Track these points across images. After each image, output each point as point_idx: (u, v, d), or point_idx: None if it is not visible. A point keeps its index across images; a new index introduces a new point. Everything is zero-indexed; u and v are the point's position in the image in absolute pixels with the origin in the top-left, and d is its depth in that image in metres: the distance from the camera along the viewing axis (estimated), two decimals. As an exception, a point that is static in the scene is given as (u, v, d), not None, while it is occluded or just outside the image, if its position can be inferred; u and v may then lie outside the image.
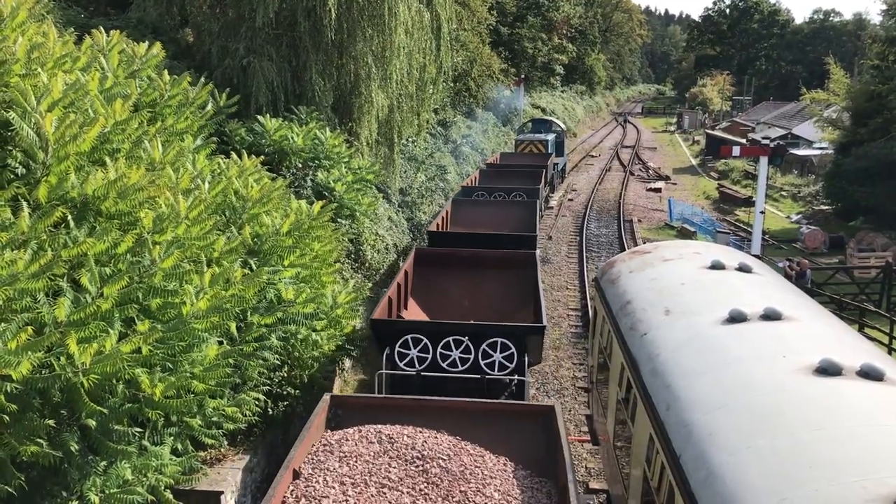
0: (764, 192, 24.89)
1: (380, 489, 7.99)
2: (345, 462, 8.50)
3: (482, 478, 8.39)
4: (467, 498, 8.00)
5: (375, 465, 8.46)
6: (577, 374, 18.80)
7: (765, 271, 11.32)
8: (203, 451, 10.64)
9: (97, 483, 8.25)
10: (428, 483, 8.17)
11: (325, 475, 8.26)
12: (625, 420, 9.75)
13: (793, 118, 65.25)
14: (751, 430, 6.40)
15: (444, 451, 8.74)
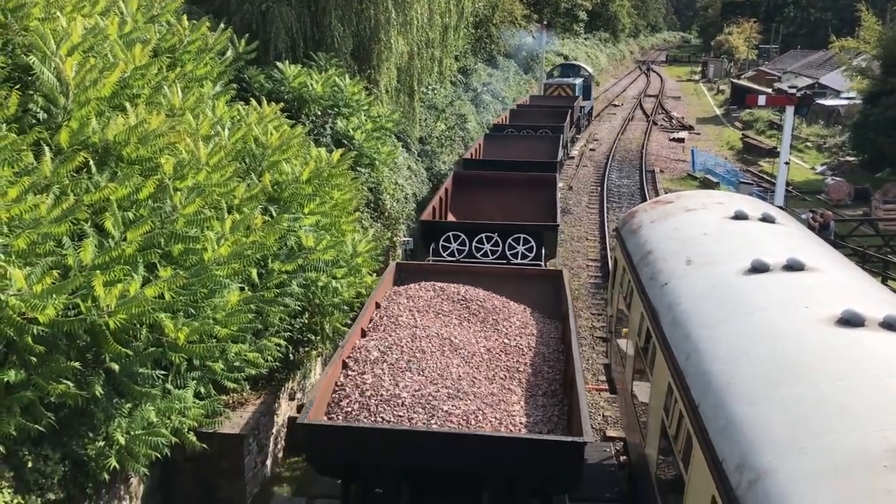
0: (789, 143, 24.46)
1: (436, 315, 11.39)
2: (410, 299, 11.82)
3: (508, 313, 11.77)
4: (497, 322, 11.49)
5: (432, 302, 11.76)
6: (596, 324, 18.84)
7: (788, 222, 11.19)
8: (225, 395, 10.82)
9: (122, 424, 8.42)
10: (469, 313, 11.63)
11: (398, 305, 11.65)
12: (643, 369, 9.78)
13: (820, 67, 63.89)
14: (771, 380, 6.39)
15: (480, 296, 12.06)
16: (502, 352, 10.73)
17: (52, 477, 7.74)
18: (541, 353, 10.90)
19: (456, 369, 9.79)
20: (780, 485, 5.15)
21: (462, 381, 9.52)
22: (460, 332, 10.93)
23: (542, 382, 10.16)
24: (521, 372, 10.27)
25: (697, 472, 6.55)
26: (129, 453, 8.47)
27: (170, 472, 10.57)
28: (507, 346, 10.93)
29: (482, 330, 11.17)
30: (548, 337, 11.45)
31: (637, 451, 10.15)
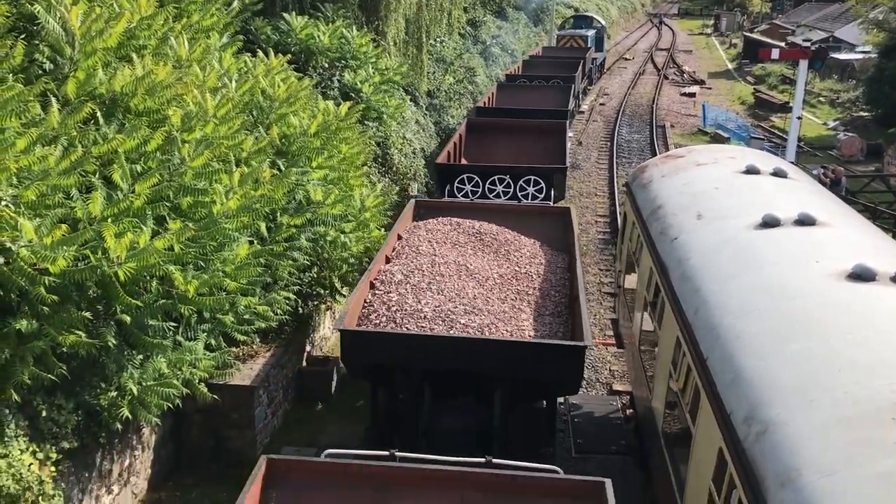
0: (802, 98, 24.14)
1: (452, 245, 12.24)
2: (429, 232, 12.69)
3: (519, 245, 12.58)
4: (509, 253, 12.27)
5: (448, 235, 12.59)
6: (604, 279, 18.84)
7: (800, 177, 11.10)
8: (236, 348, 10.90)
9: (134, 375, 8.51)
10: (483, 245, 12.43)
11: (418, 237, 12.50)
12: (651, 324, 9.79)
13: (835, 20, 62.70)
14: (780, 334, 6.39)
15: (493, 230, 12.87)
16: (513, 277, 11.51)
17: (66, 426, 7.85)
18: (548, 280, 11.66)
19: (471, 290, 10.64)
20: (788, 437, 5.17)
21: (477, 300, 10.37)
22: (475, 260, 11.77)
23: (549, 304, 10.89)
24: (530, 295, 11.06)
25: (705, 424, 6.59)
26: (141, 403, 8.57)
27: (181, 423, 10.71)
28: (518, 272, 11.72)
29: (495, 259, 12.02)
30: (555, 266, 12.24)
31: (644, 405, 10.21)
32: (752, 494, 5.08)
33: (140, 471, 9.83)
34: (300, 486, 5.98)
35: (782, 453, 5.09)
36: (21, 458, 7.07)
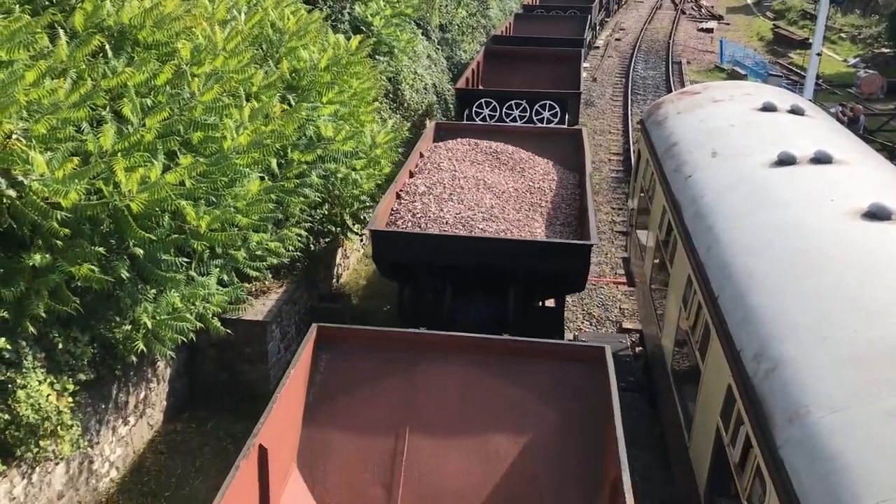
0: (822, 34, 23.57)
1: (471, 163, 13.02)
2: (449, 151, 13.47)
3: (533, 163, 13.31)
4: (524, 170, 13.00)
5: (467, 153, 13.37)
6: (616, 218, 18.77)
7: (818, 115, 10.91)
8: (248, 283, 10.97)
9: (148, 309, 8.59)
10: (500, 163, 13.18)
11: (439, 155, 13.32)
12: (663, 262, 9.77)
13: (860, -47, 60.87)
14: (793, 272, 6.36)
15: (509, 150, 13.56)
16: (527, 191, 12.35)
17: (82, 358, 7.96)
18: (560, 195, 12.44)
19: (489, 201, 11.51)
20: (797, 374, 5.19)
21: (494, 209, 11.28)
22: (492, 175, 12.57)
23: (560, 216, 11.77)
24: (543, 207, 11.95)
25: (714, 361, 6.63)
26: (155, 337, 8.67)
27: (195, 357, 10.86)
28: (532, 187, 12.52)
29: (511, 175, 12.84)
30: (567, 182, 12.97)
31: (653, 343, 10.27)
32: (760, 430, 5.13)
33: (155, 403, 10.01)
34: (346, 350, 6.86)
35: (791, 390, 5.12)
36: (39, 388, 7.20)
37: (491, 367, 6.70)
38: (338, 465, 6.27)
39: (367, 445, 6.33)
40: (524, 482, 6.21)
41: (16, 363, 7.16)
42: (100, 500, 8.78)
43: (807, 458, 4.59)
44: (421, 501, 6.14)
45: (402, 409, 6.49)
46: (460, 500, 6.17)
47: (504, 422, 6.46)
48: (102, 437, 8.78)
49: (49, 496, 7.90)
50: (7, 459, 7.00)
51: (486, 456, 6.35)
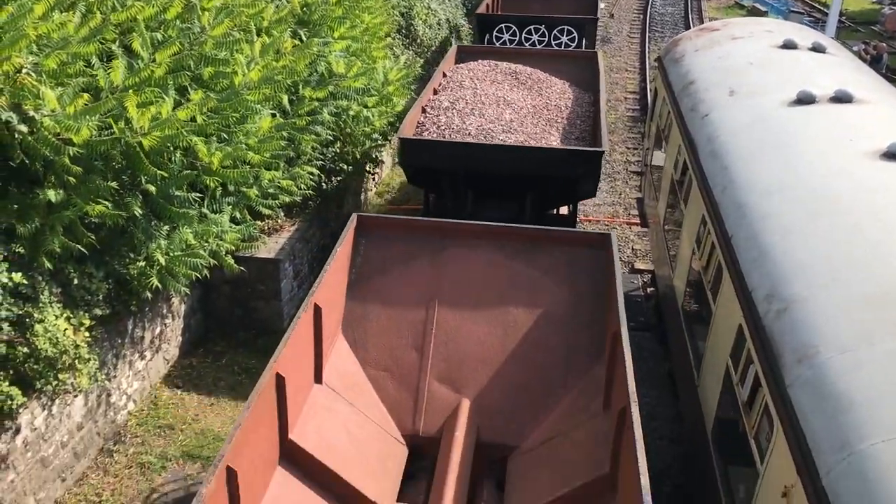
0: (847, -32, 22.96)
1: (491, 82, 13.80)
2: (469, 70, 14.30)
3: (550, 84, 14.13)
4: (541, 89, 13.84)
5: (488, 73, 14.17)
6: (631, 158, 18.60)
7: (839, 53, 10.67)
8: (261, 221, 11.00)
9: (162, 246, 8.64)
10: (518, 82, 13.95)
11: (460, 75, 14.13)
12: (677, 203, 9.71)
13: None
14: (807, 213, 6.30)
15: (527, 70, 14.37)
16: (544, 108, 13.11)
17: (98, 294, 8.05)
18: (575, 112, 13.22)
19: (508, 116, 12.37)
20: (808, 314, 5.19)
21: (513, 123, 12.13)
22: (511, 94, 13.33)
23: (574, 130, 12.56)
24: (559, 123, 12.73)
25: (725, 302, 6.63)
26: (169, 273, 8.75)
27: (209, 293, 10.96)
28: (549, 105, 13.28)
29: (529, 94, 13.59)
30: (582, 102, 13.79)
31: (665, 283, 10.27)
32: (770, 370, 5.15)
33: (171, 338, 10.15)
34: (383, 236, 7.62)
35: (801, 330, 5.12)
36: (56, 323, 7.30)
37: (510, 251, 7.51)
38: (376, 332, 7.18)
39: (401, 316, 7.22)
40: (537, 348, 7.06)
41: (33, 298, 7.25)
42: (118, 432, 8.99)
43: (815, 398, 4.62)
44: (447, 363, 7.06)
45: (432, 286, 7.36)
46: (481, 362, 7.06)
47: (520, 297, 7.30)
48: (119, 371, 8.94)
49: (69, 427, 8.09)
50: (27, 392, 7.14)
51: (504, 326, 7.20)
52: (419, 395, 6.98)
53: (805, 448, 4.41)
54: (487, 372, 7.03)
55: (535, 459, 6.52)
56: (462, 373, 7.04)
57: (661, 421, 9.73)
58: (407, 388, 6.99)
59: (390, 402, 6.95)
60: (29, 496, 7.53)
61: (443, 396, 6.98)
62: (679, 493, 8.55)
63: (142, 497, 8.17)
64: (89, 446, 8.51)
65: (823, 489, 4.11)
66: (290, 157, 11.00)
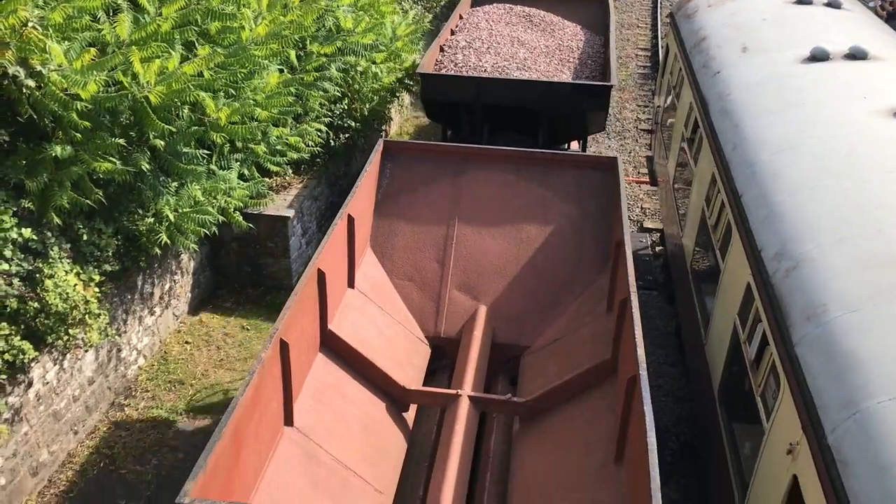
0: (866, -78, 22.41)
1: (506, 24, 14.60)
2: (485, 13, 15.14)
3: (563, 26, 14.89)
4: (554, 31, 14.64)
5: (502, 16, 14.95)
6: (641, 115, 18.44)
7: (855, 8, 10.47)
8: (269, 179, 10.98)
9: (170, 202, 8.65)
10: (532, 24, 14.79)
11: (476, 17, 14.86)
12: (687, 161, 9.64)
13: None
14: (818, 171, 6.25)
15: (541, 13, 15.09)
16: (557, 49, 13.90)
17: (107, 250, 8.08)
18: (586, 52, 14.02)
19: (522, 55, 13.18)
20: (817, 273, 5.17)
21: (527, 62, 12.92)
22: (525, 35, 14.17)
23: (585, 70, 13.29)
24: (571, 62, 13.45)
25: (734, 260, 6.61)
26: (178, 230, 8.76)
27: (218, 250, 11.00)
28: (561, 45, 14.06)
29: (542, 35, 14.40)
30: (593, 43, 14.56)
31: (674, 242, 10.24)
32: (777, 328, 5.15)
33: (180, 294, 10.20)
34: (407, 159, 8.26)
35: (810, 289, 5.11)
36: (66, 278, 7.33)
37: (523, 173, 8.17)
38: (401, 246, 7.96)
39: (425, 232, 8.00)
40: (547, 260, 7.86)
41: (42, 253, 7.28)
42: (128, 387, 9.10)
43: (822, 356, 4.62)
44: (466, 274, 7.86)
45: (453, 205, 8.08)
46: (496, 273, 7.87)
47: (533, 214, 8.02)
48: (129, 327, 9.01)
49: (80, 381, 8.18)
50: (39, 346, 7.21)
51: (517, 240, 7.96)
52: (440, 302, 7.87)
53: (811, 406, 4.43)
54: (502, 281, 7.89)
55: (544, 355, 7.36)
56: (479, 282, 7.90)
57: (668, 379, 9.79)
58: (429, 296, 7.89)
59: (414, 308, 7.85)
60: (42, 448, 7.65)
61: (462, 303, 7.86)
62: (685, 450, 8.63)
63: (153, 450, 8.29)
64: (100, 400, 8.62)
65: (829, 446, 4.13)
66: (297, 113, 10.94)
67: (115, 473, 7.98)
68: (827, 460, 4.09)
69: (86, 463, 8.06)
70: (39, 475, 7.65)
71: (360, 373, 6.67)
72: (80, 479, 7.88)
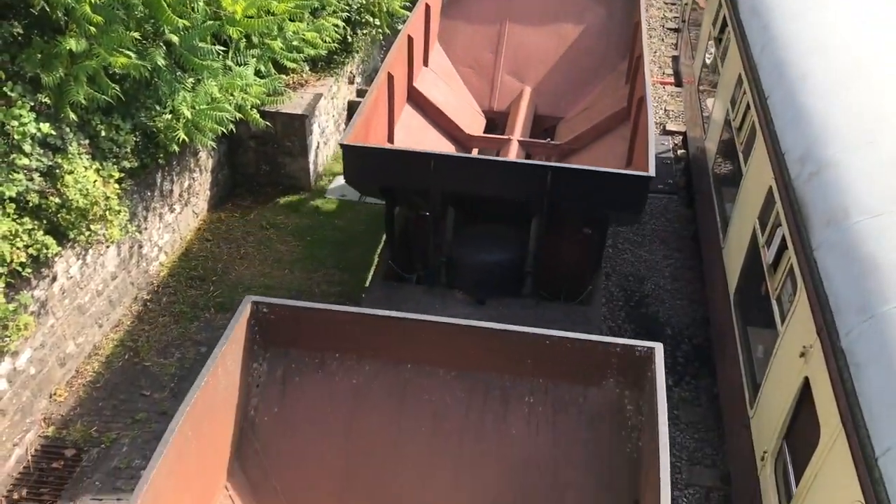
0: None
1: None
2: None
3: None
4: None
5: None
6: (668, 14, 17.87)
7: None
8: (286, 76, 10.82)
9: (187, 99, 8.56)
10: None
11: None
12: (714, 61, 9.38)
13: None
14: (847, 74, 6.07)
15: None
16: None
17: (125, 146, 8.06)
18: None
19: None
20: (840, 177, 5.09)
21: None
22: None
23: None
24: None
25: (757, 163, 6.52)
26: (195, 127, 8.71)
27: (236, 149, 10.95)
28: None
29: None
30: None
31: (696, 145, 10.09)
32: (797, 232, 5.11)
33: (199, 192, 10.24)
34: None
35: (832, 193, 5.04)
36: (86, 174, 7.35)
37: None
38: (463, 41, 10.70)
39: (482, 29, 10.80)
40: (580, 52, 10.55)
41: (62, 149, 7.28)
42: (150, 283, 9.25)
43: (841, 260, 4.60)
44: (515, 62, 10.57)
45: (503, 9, 10.69)
46: (540, 62, 10.51)
47: (570, 18, 10.75)
48: (150, 224, 9.09)
49: (103, 276, 8.32)
50: (61, 241, 7.30)
51: (557, 36, 10.55)
52: (494, 84, 10.15)
53: (827, 310, 4.43)
54: (544, 68, 10.20)
55: (575, 120, 9.75)
56: (525, 68, 10.18)
57: (683, 282, 9.82)
58: (485, 79, 10.19)
59: (473, 89, 10.26)
60: (69, 340, 7.86)
61: (510, 84, 10.16)
62: (697, 352, 8.74)
63: (176, 344, 8.50)
64: (123, 295, 8.78)
65: (842, 349, 4.16)
66: (314, 7, 10.68)
67: (140, 365, 8.21)
68: (840, 363, 4.12)
69: (111, 355, 8.29)
70: (67, 366, 7.89)
71: (436, 123, 9.16)
72: (106, 369, 8.12)
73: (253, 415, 5.10)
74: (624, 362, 4.91)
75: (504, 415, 5.02)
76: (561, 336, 4.95)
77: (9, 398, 6.99)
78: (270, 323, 5.12)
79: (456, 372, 5.10)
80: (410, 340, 5.02)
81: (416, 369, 5.13)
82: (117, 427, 7.51)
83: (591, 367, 4.96)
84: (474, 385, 5.08)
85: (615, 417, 4.99)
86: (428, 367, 5.09)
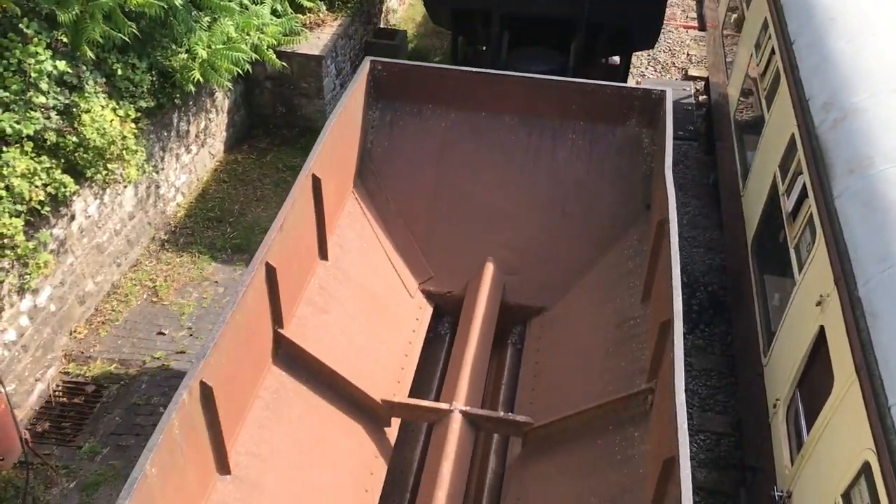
0: None
1: None
2: None
3: None
4: None
5: None
6: (693, -45, 17.40)
7: None
8: (302, 15, 10.67)
9: (203, 38, 8.48)
10: None
11: None
12: (738, 5, 9.16)
13: None
14: (877, 18, 5.91)
15: None
16: None
17: (141, 85, 8.02)
18: None
19: None
20: (865, 124, 5.00)
21: None
22: None
23: None
24: None
25: (780, 110, 6.40)
26: (211, 67, 8.64)
27: (253, 90, 10.87)
28: None
29: None
30: None
31: (718, 91, 9.92)
32: (818, 180, 5.04)
33: (216, 133, 10.21)
34: None
35: (856, 141, 4.96)
36: (102, 113, 7.34)
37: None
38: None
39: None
40: None
41: (78, 87, 7.26)
42: (168, 223, 9.30)
43: (862, 209, 4.54)
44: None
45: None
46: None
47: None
48: (167, 164, 9.09)
49: (121, 216, 8.37)
50: (79, 181, 7.33)
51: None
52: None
53: (845, 258, 4.39)
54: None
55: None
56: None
57: (701, 230, 9.75)
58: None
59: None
60: (88, 279, 7.95)
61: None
62: (712, 298, 8.72)
63: (193, 283, 8.57)
64: (141, 235, 8.84)
65: (859, 298, 4.13)
66: (331, -54, 10.50)
67: (158, 304, 8.30)
68: (856, 312, 4.10)
69: (129, 294, 8.38)
70: (86, 304, 7.99)
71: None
72: (125, 308, 8.22)
73: (370, 147, 6.76)
74: (644, 104, 6.44)
75: (553, 148, 6.64)
76: (598, 84, 6.58)
77: (30, 334, 7.11)
78: (383, 79, 6.72)
79: (518, 118, 6.68)
80: (485, 93, 6.60)
81: (489, 116, 6.69)
82: (136, 365, 7.63)
83: (619, 109, 6.50)
84: (532, 128, 6.68)
85: (635, 147, 6.52)
86: (497, 114, 6.67)
